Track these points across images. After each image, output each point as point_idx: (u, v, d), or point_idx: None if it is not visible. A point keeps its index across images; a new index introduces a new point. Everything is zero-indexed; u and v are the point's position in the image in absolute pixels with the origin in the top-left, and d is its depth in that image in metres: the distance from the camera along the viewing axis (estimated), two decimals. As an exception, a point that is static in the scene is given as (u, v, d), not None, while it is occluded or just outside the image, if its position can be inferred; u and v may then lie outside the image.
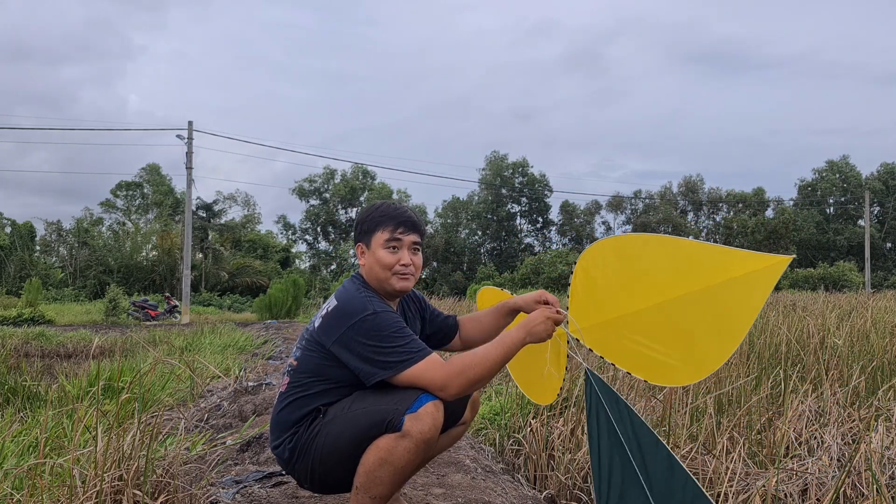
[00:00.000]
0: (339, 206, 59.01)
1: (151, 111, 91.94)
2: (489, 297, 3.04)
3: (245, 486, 3.11)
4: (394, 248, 2.28)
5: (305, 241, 59.76)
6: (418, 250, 2.35)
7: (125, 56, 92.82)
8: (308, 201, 59.59)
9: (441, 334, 2.65)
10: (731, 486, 2.76)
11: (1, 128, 58.96)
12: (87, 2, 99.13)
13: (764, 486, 2.72)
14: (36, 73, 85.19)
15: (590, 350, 2.42)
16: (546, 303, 2.44)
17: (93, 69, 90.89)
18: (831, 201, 57.63)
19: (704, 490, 2.09)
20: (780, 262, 2.15)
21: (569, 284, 2.50)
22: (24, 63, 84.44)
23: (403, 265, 2.28)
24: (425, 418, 2.05)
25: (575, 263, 2.49)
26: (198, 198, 47.38)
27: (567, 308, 2.45)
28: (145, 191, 50.94)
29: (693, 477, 2.15)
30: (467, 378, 2.11)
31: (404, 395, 2.08)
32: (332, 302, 2.26)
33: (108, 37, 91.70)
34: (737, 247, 2.25)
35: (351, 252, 53.33)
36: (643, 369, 2.35)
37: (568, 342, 2.50)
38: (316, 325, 2.24)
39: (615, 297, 2.42)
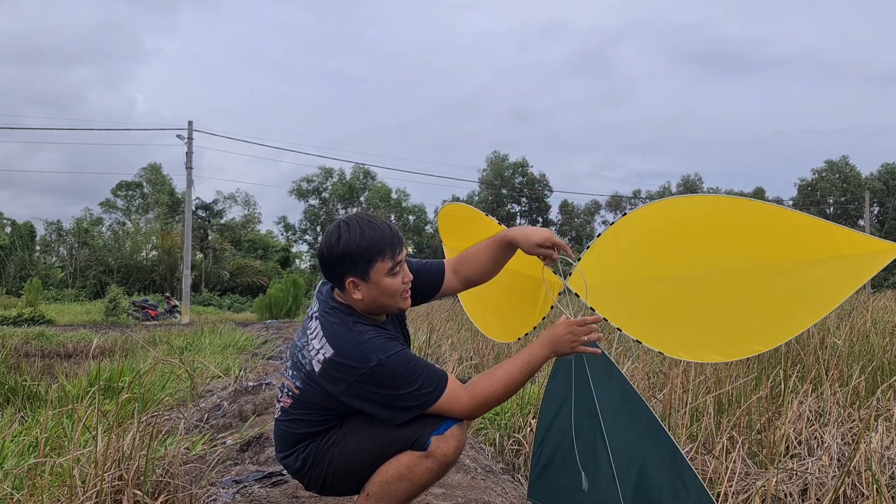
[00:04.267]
0: (339, 206, 59.02)
1: (159, 112, 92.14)
2: (457, 216, 2.83)
3: (245, 486, 3.11)
4: (396, 273, 2.10)
5: (305, 241, 59.79)
6: (406, 260, 2.20)
7: (135, 58, 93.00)
8: (307, 201, 59.61)
9: (427, 287, 2.41)
10: (731, 486, 2.76)
11: (2, 128, 58.75)
12: (98, 4, 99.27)
13: (764, 485, 2.72)
14: (46, 75, 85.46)
15: (591, 309, 2.25)
16: (550, 246, 2.25)
17: (102, 71, 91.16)
18: (831, 201, 57.61)
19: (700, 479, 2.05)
20: (886, 251, 1.81)
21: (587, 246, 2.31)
22: (35, 65, 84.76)
23: (406, 283, 2.15)
24: (451, 441, 2.05)
25: (609, 225, 2.27)
26: (197, 198, 47.45)
27: (578, 259, 2.28)
28: (145, 191, 50.94)
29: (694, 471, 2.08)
30: (490, 405, 2.11)
31: (430, 416, 2.06)
32: (325, 346, 2.06)
33: (118, 39, 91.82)
34: None
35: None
36: (660, 339, 2.14)
37: (561, 293, 2.34)
38: (315, 367, 2.07)
39: (649, 258, 2.19)
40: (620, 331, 2.22)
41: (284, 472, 3.27)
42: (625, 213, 2.24)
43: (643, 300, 2.20)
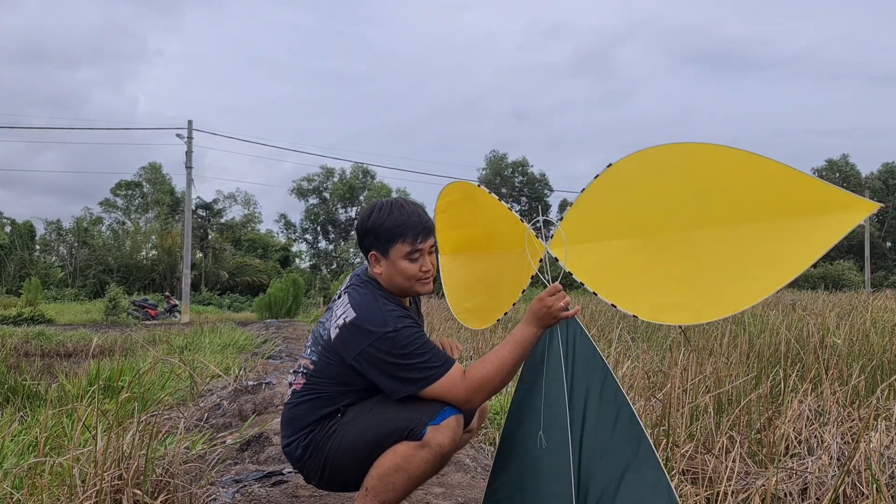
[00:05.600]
0: (339, 206, 59.04)
1: (162, 112, 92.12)
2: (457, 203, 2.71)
3: (245, 486, 3.11)
4: (416, 258, 2.20)
5: (305, 240, 59.79)
6: (434, 251, 2.29)
7: (138, 58, 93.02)
8: (307, 200, 59.63)
9: None
10: (731, 486, 2.76)
11: (2, 127, 58.91)
12: (102, 5, 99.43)
13: (763, 485, 2.72)
14: (49, 75, 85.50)
15: (569, 273, 2.21)
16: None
17: (106, 71, 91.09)
18: (831, 200, 57.53)
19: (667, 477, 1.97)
20: (862, 208, 1.79)
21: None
22: (38, 65, 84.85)
23: (425, 271, 2.22)
24: (446, 431, 2.07)
25: (595, 177, 2.19)
26: (197, 197, 47.41)
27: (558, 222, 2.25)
28: (145, 190, 50.94)
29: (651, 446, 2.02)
30: (487, 390, 2.13)
31: (428, 406, 2.09)
32: (348, 311, 2.16)
33: (122, 39, 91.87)
34: None
35: (351, 252, 53.30)
36: (636, 302, 2.11)
37: (542, 260, 2.29)
38: (332, 334, 2.17)
39: (629, 216, 2.15)
40: (596, 294, 2.18)
41: (284, 471, 3.27)
42: (609, 165, 2.18)
43: (621, 262, 2.16)
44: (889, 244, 56.14)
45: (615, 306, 2.14)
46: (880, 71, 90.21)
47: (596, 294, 2.18)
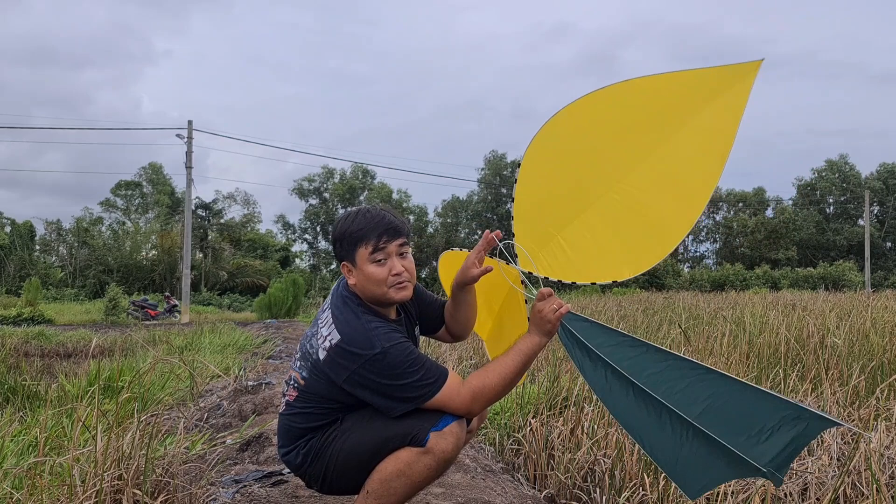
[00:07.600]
0: (339, 206, 59.03)
1: (166, 112, 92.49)
2: (451, 263, 2.70)
3: (244, 486, 3.11)
4: (380, 260, 2.14)
5: (305, 240, 59.80)
6: (407, 253, 2.20)
7: (143, 59, 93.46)
8: (308, 201, 59.65)
9: (430, 324, 2.50)
10: (731, 486, 2.76)
11: (3, 127, 59.08)
12: (109, 7, 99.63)
13: (764, 485, 2.72)
14: (56, 76, 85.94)
15: (545, 278, 2.23)
16: (481, 255, 2.24)
17: (113, 73, 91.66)
18: (831, 201, 57.65)
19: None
20: (750, 70, 1.87)
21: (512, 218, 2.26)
22: (45, 66, 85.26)
23: (396, 275, 2.14)
24: (449, 437, 2.05)
25: (515, 182, 2.22)
26: (197, 197, 47.39)
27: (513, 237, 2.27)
28: (144, 190, 50.96)
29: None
30: (488, 399, 2.12)
31: (429, 412, 2.08)
32: (333, 332, 2.12)
33: (129, 41, 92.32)
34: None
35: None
36: (608, 270, 2.15)
37: (522, 281, 2.29)
38: (321, 356, 2.12)
39: (564, 200, 2.18)
40: (575, 284, 2.21)
41: (284, 471, 3.27)
42: (518, 165, 2.21)
43: (579, 243, 2.21)
44: (889, 244, 56.17)
45: (595, 283, 2.19)
46: (880, 71, 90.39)
47: (575, 284, 2.22)
